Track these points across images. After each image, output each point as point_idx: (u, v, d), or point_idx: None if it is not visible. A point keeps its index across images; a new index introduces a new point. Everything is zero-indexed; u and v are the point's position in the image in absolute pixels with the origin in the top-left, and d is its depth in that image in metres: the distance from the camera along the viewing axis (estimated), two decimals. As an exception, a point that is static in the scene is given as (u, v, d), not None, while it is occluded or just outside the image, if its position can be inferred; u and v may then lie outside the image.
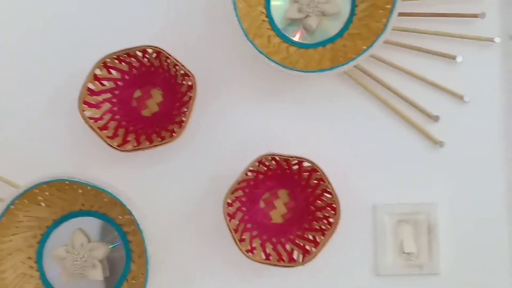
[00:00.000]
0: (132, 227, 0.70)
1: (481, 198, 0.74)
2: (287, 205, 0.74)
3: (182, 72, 0.71)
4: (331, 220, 0.69)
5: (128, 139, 0.73)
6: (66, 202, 0.72)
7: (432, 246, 0.73)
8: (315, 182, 0.71)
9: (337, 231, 0.68)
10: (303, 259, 0.68)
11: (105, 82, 0.73)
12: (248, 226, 0.72)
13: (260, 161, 0.69)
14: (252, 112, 0.76)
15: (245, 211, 0.72)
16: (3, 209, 0.67)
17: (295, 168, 0.71)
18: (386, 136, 0.75)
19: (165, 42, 0.72)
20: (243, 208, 0.72)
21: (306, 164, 0.69)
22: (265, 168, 0.72)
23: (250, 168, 0.69)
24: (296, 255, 0.70)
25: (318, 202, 0.71)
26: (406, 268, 0.73)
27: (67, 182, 0.68)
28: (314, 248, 0.68)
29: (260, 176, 0.72)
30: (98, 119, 0.72)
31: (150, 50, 0.71)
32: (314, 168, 0.68)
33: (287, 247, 0.71)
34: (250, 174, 0.71)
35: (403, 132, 0.75)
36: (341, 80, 0.75)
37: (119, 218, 0.72)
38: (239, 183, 0.69)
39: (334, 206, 0.68)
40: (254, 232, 0.72)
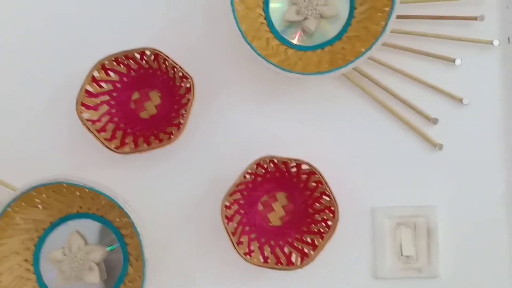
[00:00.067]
0: (130, 229, 0.69)
1: (480, 200, 0.74)
2: (286, 207, 0.74)
3: (181, 74, 0.70)
4: (329, 223, 0.69)
5: (126, 141, 0.72)
6: (64, 205, 0.71)
7: (431, 249, 0.73)
8: (314, 184, 0.71)
9: (335, 234, 0.68)
10: (302, 262, 0.68)
11: (103, 84, 0.73)
12: (246, 229, 0.72)
13: (259, 163, 0.69)
14: (251, 114, 0.76)
15: (243, 214, 0.72)
16: (0, 211, 0.67)
17: (294, 170, 0.71)
18: (385, 139, 0.75)
19: (164, 43, 0.72)
20: (241, 211, 0.72)
21: (304, 166, 0.69)
22: (263, 171, 0.71)
23: (248, 171, 0.69)
24: (294, 258, 0.70)
25: (317, 205, 0.71)
26: (405, 271, 0.73)
27: (65, 185, 0.67)
28: (313, 251, 0.68)
29: (259, 179, 0.72)
30: (96, 121, 0.72)
31: (148, 52, 0.71)
32: (313, 171, 0.68)
33: (286, 250, 0.71)
34: (248, 176, 0.70)
35: (402, 134, 0.74)
36: (340, 83, 0.75)
37: (117, 220, 0.71)
38: (237, 185, 0.69)
39: (332, 208, 0.68)
40: (252, 235, 0.71)
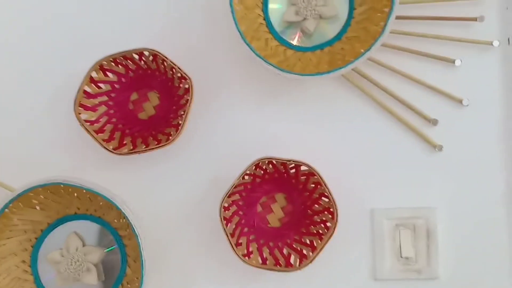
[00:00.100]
0: (128, 230, 0.69)
1: (480, 202, 0.73)
2: (285, 209, 0.73)
3: (179, 75, 0.70)
4: (328, 224, 0.69)
5: (124, 142, 0.72)
6: (61, 206, 0.71)
7: (430, 251, 0.73)
8: (313, 186, 0.70)
9: (334, 235, 0.67)
10: (300, 264, 0.68)
11: (101, 85, 0.73)
12: (245, 230, 0.71)
13: (257, 164, 0.69)
14: (250, 115, 0.75)
15: (242, 215, 0.72)
16: (-3, 212, 0.67)
17: (292, 171, 0.71)
18: (385, 140, 0.74)
19: (164, 43, 0.72)
20: (240, 212, 0.72)
21: (303, 167, 0.69)
22: (262, 172, 0.71)
23: (247, 172, 0.68)
24: (293, 259, 0.69)
25: (316, 206, 0.71)
26: (404, 273, 0.73)
27: (62, 186, 0.67)
28: (312, 252, 0.68)
29: (257, 180, 0.72)
30: (94, 122, 0.72)
31: (146, 53, 0.70)
32: (312, 172, 0.68)
33: (284, 251, 0.70)
34: (247, 177, 0.70)
35: (401, 135, 0.74)
36: (339, 83, 0.75)
37: (115, 221, 0.71)
38: (236, 186, 0.69)
39: (331, 210, 0.68)
40: (251, 236, 0.71)
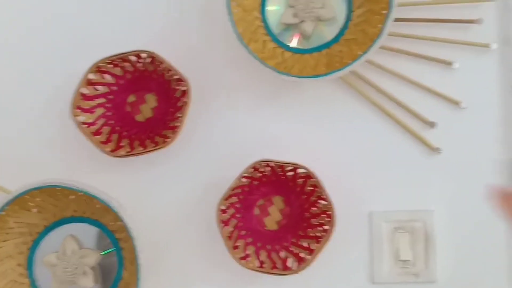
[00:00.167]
0: (124, 233, 0.69)
1: (478, 205, 0.73)
2: (282, 211, 0.73)
3: (176, 77, 0.70)
4: (326, 227, 0.68)
5: (121, 145, 0.72)
6: (58, 208, 0.71)
7: (428, 254, 0.72)
8: (310, 188, 0.70)
9: (332, 238, 0.67)
10: (298, 267, 0.68)
11: (98, 87, 0.73)
12: (242, 233, 0.71)
13: (255, 167, 0.68)
14: (248, 116, 0.75)
15: (239, 218, 0.71)
16: (-6, 215, 0.66)
17: (290, 174, 0.70)
18: (382, 142, 0.74)
19: (164, 43, 0.72)
20: (237, 215, 0.71)
21: (301, 170, 0.68)
22: (259, 174, 0.71)
23: (245, 174, 0.68)
24: (290, 262, 0.69)
25: (313, 209, 0.71)
26: (402, 276, 0.73)
27: (59, 188, 0.67)
28: (309, 255, 0.67)
29: (255, 182, 0.71)
30: (91, 124, 0.72)
31: (144, 55, 0.70)
32: (309, 175, 0.68)
33: (282, 254, 0.70)
34: (244, 180, 0.70)
35: (399, 138, 0.74)
36: (337, 86, 0.75)
37: (111, 224, 0.71)
38: (233, 189, 0.68)
39: (329, 213, 0.68)
40: (248, 239, 0.71)
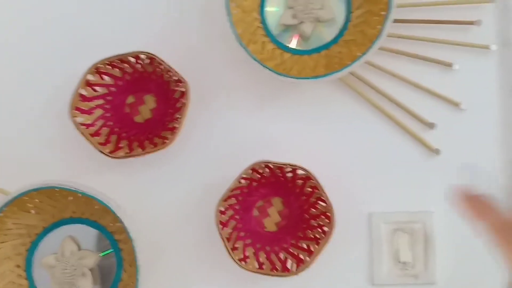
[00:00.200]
0: (123, 235, 0.69)
1: (477, 206, 0.73)
2: (281, 213, 0.73)
3: (175, 78, 0.70)
4: (325, 228, 0.68)
5: (120, 146, 0.72)
6: (57, 209, 0.71)
7: (428, 255, 0.72)
8: (309, 190, 0.70)
9: (331, 240, 0.67)
10: (297, 269, 0.67)
11: (97, 88, 0.73)
12: (241, 234, 0.71)
13: (254, 168, 0.68)
14: (247, 117, 0.75)
15: (238, 219, 0.71)
16: (-8, 216, 0.66)
17: (289, 175, 0.70)
18: (382, 144, 0.74)
19: (163, 43, 0.71)
20: (236, 216, 0.71)
21: (300, 171, 0.68)
22: (258, 176, 0.71)
23: (243, 176, 0.68)
24: (290, 264, 0.69)
25: (313, 210, 0.71)
26: (401, 278, 0.72)
27: (58, 189, 0.67)
28: (308, 257, 0.67)
29: (254, 184, 0.71)
30: (90, 125, 0.72)
31: (143, 56, 0.70)
32: (308, 176, 0.68)
33: (281, 256, 0.70)
34: (243, 181, 0.70)
35: (398, 139, 0.74)
36: (336, 87, 0.75)
37: (110, 225, 0.70)
38: (232, 190, 0.68)
39: (328, 214, 0.68)
40: (248, 241, 0.71)
